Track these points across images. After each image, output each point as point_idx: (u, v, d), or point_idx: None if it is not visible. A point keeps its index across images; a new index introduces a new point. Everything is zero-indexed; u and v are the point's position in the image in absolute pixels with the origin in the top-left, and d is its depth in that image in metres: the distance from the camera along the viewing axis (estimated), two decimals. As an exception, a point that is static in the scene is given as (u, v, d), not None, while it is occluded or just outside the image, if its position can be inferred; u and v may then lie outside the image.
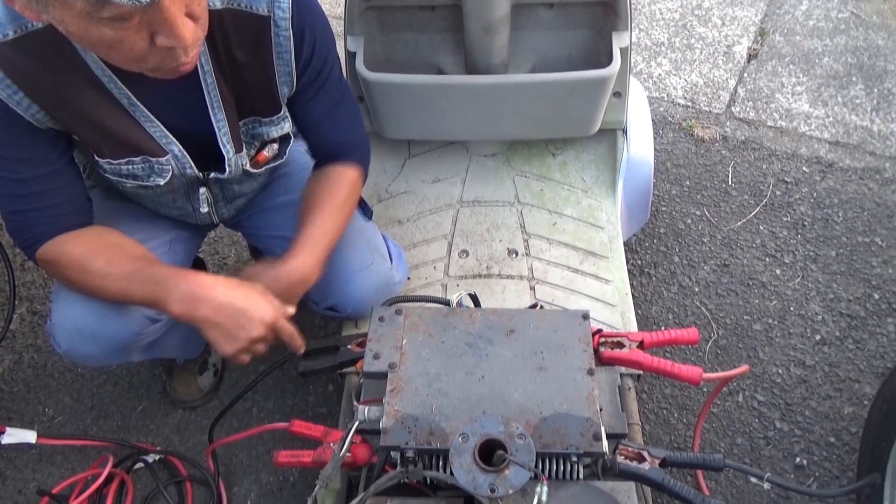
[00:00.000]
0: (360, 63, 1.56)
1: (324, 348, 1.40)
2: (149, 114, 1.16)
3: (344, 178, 1.38)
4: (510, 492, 0.97)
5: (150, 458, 1.59)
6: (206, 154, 1.27)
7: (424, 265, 1.70)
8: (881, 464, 1.32)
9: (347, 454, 1.15)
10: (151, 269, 1.18)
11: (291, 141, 1.39)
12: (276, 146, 1.35)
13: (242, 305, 1.15)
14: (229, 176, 1.30)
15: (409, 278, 1.64)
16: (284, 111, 1.30)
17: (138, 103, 1.14)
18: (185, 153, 1.24)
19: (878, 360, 1.75)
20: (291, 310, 1.26)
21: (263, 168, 1.37)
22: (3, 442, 1.49)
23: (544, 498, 0.96)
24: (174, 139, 1.21)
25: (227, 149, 1.25)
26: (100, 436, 1.68)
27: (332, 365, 1.36)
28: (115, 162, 1.20)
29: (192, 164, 1.26)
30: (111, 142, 1.17)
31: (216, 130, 1.22)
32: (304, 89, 1.27)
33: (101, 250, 1.19)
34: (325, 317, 1.83)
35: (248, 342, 1.16)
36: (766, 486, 1.20)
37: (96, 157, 1.19)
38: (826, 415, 1.66)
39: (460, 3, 1.52)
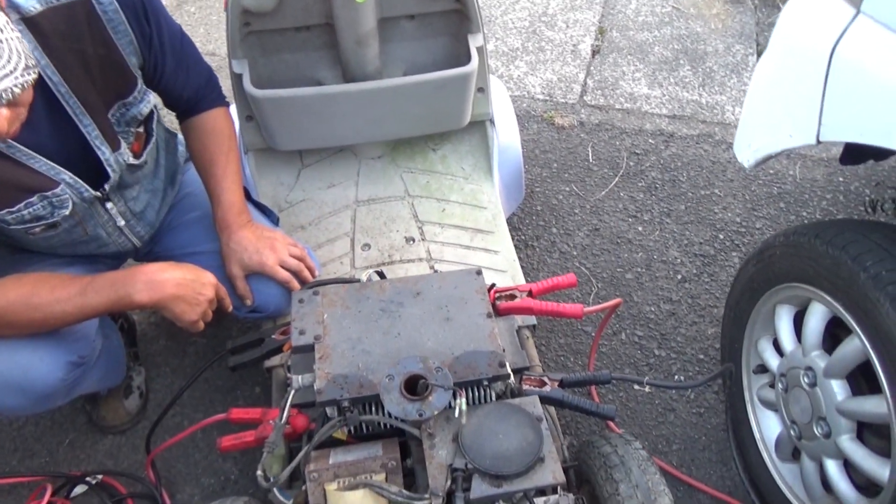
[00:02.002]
0: (247, 83, 1.70)
1: (249, 342, 1.52)
2: (27, 150, 1.21)
3: (218, 124, 1.54)
4: (435, 412, 1.14)
5: (90, 480, 1.62)
6: (91, 168, 1.32)
7: (332, 262, 1.84)
8: (736, 358, 1.59)
9: (287, 426, 1.28)
10: (100, 278, 1.26)
11: (156, 115, 1.46)
12: (142, 129, 1.42)
13: (192, 275, 1.32)
14: (116, 177, 1.35)
15: (319, 274, 1.77)
16: (142, 84, 1.36)
17: (15, 143, 1.18)
18: (76, 177, 1.29)
19: (729, 287, 2.05)
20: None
21: (144, 155, 1.43)
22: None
23: (464, 407, 1.13)
24: (60, 167, 1.26)
25: (103, 150, 1.31)
26: (32, 470, 1.68)
27: (260, 355, 1.48)
28: (14, 209, 1.23)
29: (87, 186, 1.31)
30: (1, 191, 1.21)
31: (86, 136, 1.27)
32: (151, 51, 1.34)
33: (37, 285, 1.24)
34: (243, 324, 1.93)
35: (207, 304, 1.34)
36: (647, 388, 1.44)
37: None
38: (694, 338, 1.94)
39: (331, 22, 1.69)
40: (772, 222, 2.26)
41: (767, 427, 1.55)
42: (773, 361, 1.49)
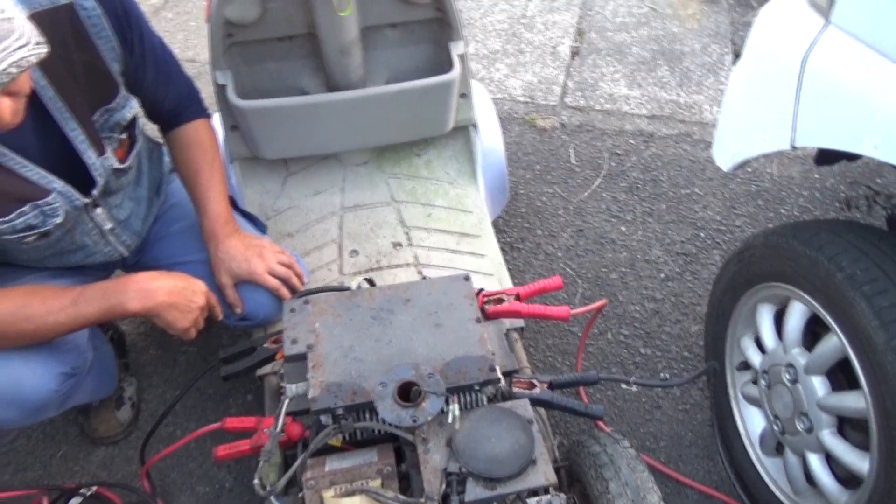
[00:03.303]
0: (231, 93, 1.71)
1: (241, 352, 1.53)
2: (20, 159, 1.22)
3: (200, 135, 1.55)
4: (429, 418, 1.16)
5: (85, 492, 1.62)
6: (78, 174, 1.32)
7: (320, 269, 1.85)
8: (720, 355, 1.63)
9: (282, 434, 1.29)
10: (91, 288, 1.27)
11: (139, 121, 1.47)
12: (125, 135, 1.43)
13: (184, 283, 1.33)
14: (102, 182, 1.36)
15: (308, 282, 1.78)
16: (124, 90, 1.37)
17: (7, 151, 1.19)
18: (67, 185, 1.29)
19: (711, 285, 2.10)
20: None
21: (129, 160, 1.44)
22: (-74, 508, 1.48)
23: (456, 412, 1.15)
24: (52, 176, 1.27)
25: (89, 154, 1.32)
26: (26, 484, 1.68)
27: (252, 364, 1.49)
28: (7, 219, 1.24)
29: (77, 194, 1.32)
30: None
31: (73, 140, 1.28)
32: (133, 57, 1.36)
33: (28, 297, 1.25)
34: (233, 332, 1.94)
35: (198, 312, 1.35)
36: (634, 388, 1.47)
37: None
38: (678, 335, 1.98)
39: (314, 31, 1.71)
40: (751, 220, 2.30)
41: (752, 422, 1.59)
42: (755, 358, 1.53)
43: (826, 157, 1.46)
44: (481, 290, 1.52)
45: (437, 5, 1.77)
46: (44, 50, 1.05)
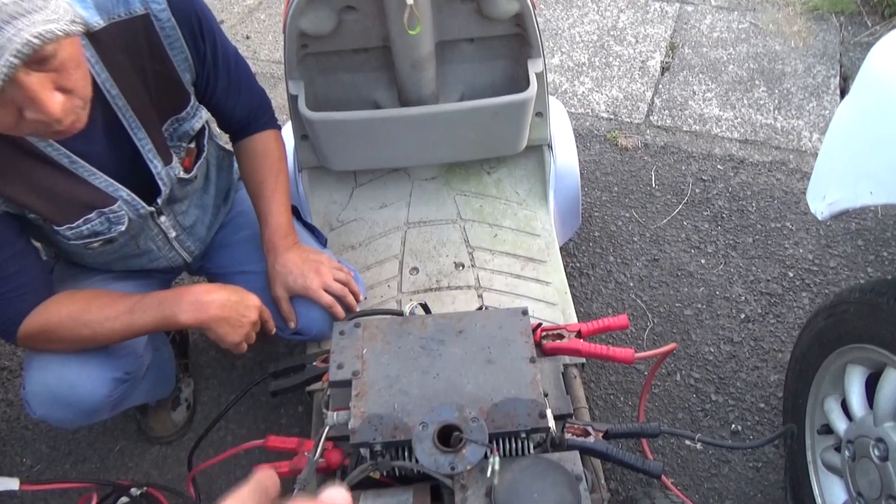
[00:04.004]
0: (302, 105, 1.69)
1: (291, 367, 1.51)
2: (90, 167, 1.23)
3: (268, 146, 1.56)
4: (468, 467, 1.09)
5: (134, 492, 1.65)
6: (144, 182, 1.33)
7: (379, 285, 1.82)
8: (800, 414, 1.49)
9: (321, 460, 1.26)
10: (148, 298, 1.29)
11: (206, 131, 1.47)
12: (193, 144, 1.43)
13: (237, 297, 1.33)
14: (167, 191, 1.37)
15: (365, 298, 1.76)
16: (195, 100, 1.37)
17: (78, 159, 1.21)
18: (132, 194, 1.31)
19: (796, 331, 1.93)
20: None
21: (194, 169, 1.44)
22: (-13, 491, 1.54)
23: (496, 467, 1.08)
24: (118, 184, 1.28)
25: (155, 163, 1.32)
26: (81, 477, 1.74)
27: (300, 381, 1.47)
28: (74, 226, 1.26)
29: (142, 203, 1.34)
30: (63, 205, 1.23)
31: (141, 150, 1.29)
32: (204, 68, 1.35)
33: (89, 302, 1.28)
34: (290, 342, 1.94)
35: (250, 326, 1.35)
36: (698, 445, 1.36)
37: (56, 229, 1.25)
38: (755, 384, 1.83)
39: (389, 44, 1.67)
40: (848, 262, 2.11)
41: (831, 493, 1.44)
42: (839, 424, 1.38)
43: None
44: (540, 324, 1.44)
45: (518, 21, 1.70)
46: (76, 28, 0.98)
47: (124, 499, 1.64)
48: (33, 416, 1.36)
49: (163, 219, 1.44)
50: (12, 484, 1.58)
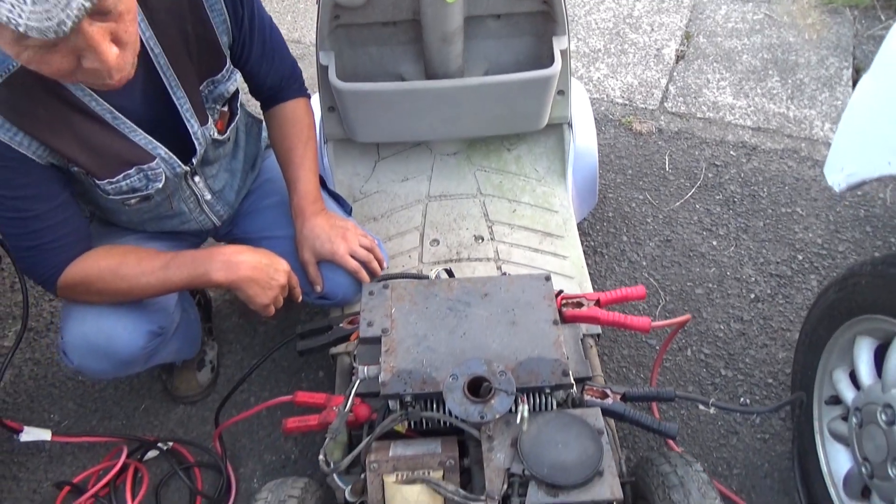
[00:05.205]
0: (332, 75, 1.74)
1: (318, 329, 1.56)
2: (131, 123, 1.27)
3: (298, 114, 1.60)
4: (497, 416, 1.15)
5: (161, 447, 1.71)
6: (179, 141, 1.37)
7: (400, 255, 1.87)
8: (808, 386, 1.54)
9: (350, 414, 1.31)
10: (182, 255, 1.34)
11: (239, 95, 1.51)
12: (226, 108, 1.47)
13: (268, 260, 1.38)
14: (202, 150, 1.40)
15: (387, 266, 1.80)
16: (230, 63, 1.41)
17: (120, 115, 1.25)
18: (170, 153, 1.35)
19: (804, 311, 1.98)
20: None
21: (227, 131, 1.49)
22: (22, 440, 1.60)
23: (525, 414, 1.13)
24: (157, 142, 1.32)
25: (192, 123, 1.36)
26: (111, 431, 1.79)
27: (327, 342, 1.52)
28: (114, 180, 1.31)
29: (179, 161, 1.38)
30: (105, 159, 1.28)
31: (179, 109, 1.32)
32: (241, 33, 1.40)
33: (125, 256, 1.33)
34: (311, 310, 1.99)
35: (279, 289, 1.39)
36: (712, 410, 1.40)
37: (97, 181, 1.29)
38: (764, 360, 1.88)
39: (419, 18, 1.71)
40: (856, 246, 2.16)
41: (837, 461, 1.49)
42: (848, 394, 1.43)
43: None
44: (560, 291, 1.49)
45: (544, -2, 1.74)
46: None
47: (153, 452, 1.70)
48: (70, 367, 1.41)
49: (196, 179, 1.48)
50: (44, 434, 1.64)
